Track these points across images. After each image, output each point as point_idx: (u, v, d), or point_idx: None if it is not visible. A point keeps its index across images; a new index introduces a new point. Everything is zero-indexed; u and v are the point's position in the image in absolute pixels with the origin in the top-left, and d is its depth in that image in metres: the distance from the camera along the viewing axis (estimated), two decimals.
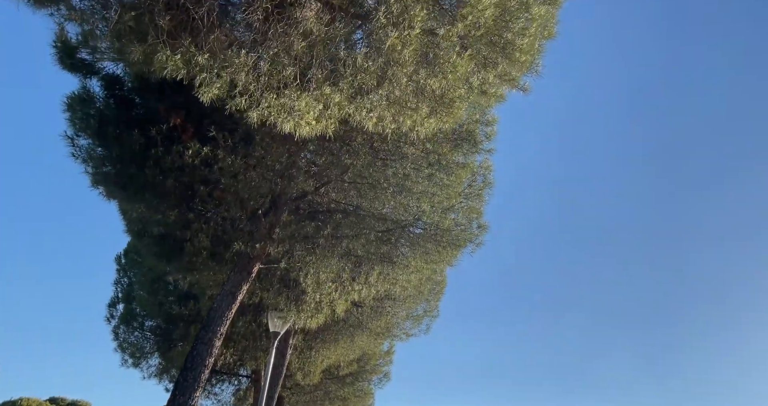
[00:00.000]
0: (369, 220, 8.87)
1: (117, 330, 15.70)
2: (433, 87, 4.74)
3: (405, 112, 5.09)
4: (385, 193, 8.32)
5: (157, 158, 7.15)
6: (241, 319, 13.88)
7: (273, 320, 10.62)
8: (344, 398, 21.63)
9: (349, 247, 9.02)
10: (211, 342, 7.98)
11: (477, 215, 9.63)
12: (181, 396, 7.37)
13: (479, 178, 9.65)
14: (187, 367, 7.71)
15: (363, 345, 15.12)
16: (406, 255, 9.21)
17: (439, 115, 5.23)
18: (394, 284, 9.50)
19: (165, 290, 14.90)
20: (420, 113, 5.24)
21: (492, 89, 5.68)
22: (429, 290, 13.30)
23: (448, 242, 9.17)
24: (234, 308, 8.48)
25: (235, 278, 8.56)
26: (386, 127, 5.26)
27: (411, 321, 14.46)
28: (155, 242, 9.15)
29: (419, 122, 5.38)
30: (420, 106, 4.94)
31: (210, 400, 20.26)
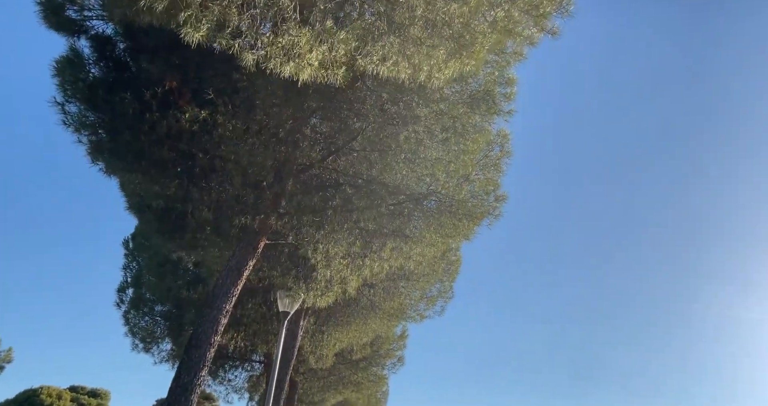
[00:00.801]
0: (380, 192, 8.35)
1: (127, 315, 15.51)
2: (453, 16, 4.16)
3: (421, 51, 4.52)
4: (397, 160, 7.78)
5: (152, 124, 6.69)
6: (250, 301, 13.55)
7: (282, 299, 10.22)
8: (358, 382, 21.36)
9: (360, 220, 8.53)
10: (217, 320, 7.59)
11: (494, 187, 9.05)
12: (186, 375, 7.01)
13: (496, 148, 9.06)
14: (191, 345, 7.34)
15: (376, 327, 14.72)
16: (420, 228, 8.69)
17: (460, 58, 4.65)
18: (408, 259, 9.00)
19: (173, 274, 14.63)
20: (438, 56, 4.67)
21: (518, 28, 5.06)
22: (443, 269, 12.80)
23: (464, 214, 8.62)
24: (240, 285, 8.06)
25: (240, 253, 8.13)
26: (401, 72, 4.70)
27: (425, 302, 14.01)
28: (157, 218, 8.75)
29: (437, 67, 4.81)
30: (437, 44, 4.37)
31: (223, 386, 20.16)
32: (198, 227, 8.60)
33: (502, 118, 7.43)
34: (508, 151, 9.11)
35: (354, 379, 20.72)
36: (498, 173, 9.12)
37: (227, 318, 7.85)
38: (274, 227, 8.43)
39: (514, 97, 7.51)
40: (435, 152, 7.63)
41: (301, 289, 9.83)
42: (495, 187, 9.00)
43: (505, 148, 9.10)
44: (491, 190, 8.88)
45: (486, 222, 8.84)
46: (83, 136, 6.95)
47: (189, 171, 7.38)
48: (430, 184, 8.41)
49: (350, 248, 8.84)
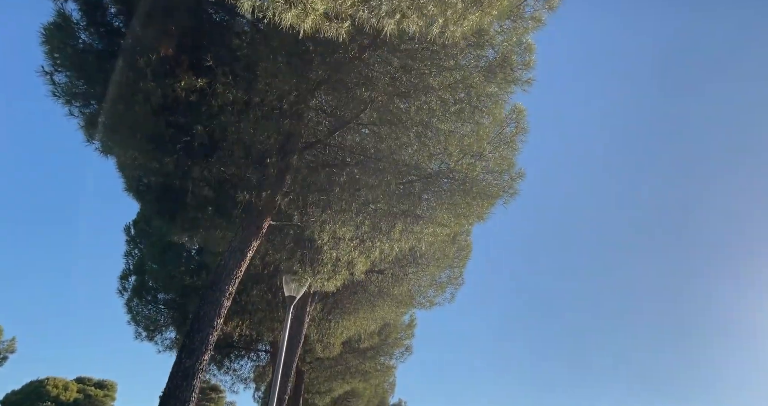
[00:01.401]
0: (390, 169, 7.90)
1: (130, 303, 15.22)
2: None
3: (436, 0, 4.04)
4: (408, 134, 7.33)
5: (146, 94, 6.25)
6: (255, 288, 13.21)
7: (288, 284, 9.84)
8: (365, 372, 21.10)
9: (369, 200, 8.10)
10: (219, 302, 7.21)
11: (509, 166, 8.58)
12: (187, 360, 6.65)
13: (511, 124, 8.58)
14: (193, 329, 6.97)
15: (384, 315, 14.36)
16: (432, 208, 8.25)
17: (481, 5, 4.17)
18: (419, 240, 8.57)
19: (176, 261, 14.30)
20: (455, 4, 4.19)
21: None
22: (454, 254, 12.38)
23: (478, 193, 8.17)
24: (243, 267, 7.67)
25: (243, 233, 7.73)
26: (412, 25, 4.23)
27: (435, 288, 13.60)
28: (156, 198, 8.35)
29: (453, 19, 4.33)
30: None
31: (229, 375, 19.93)
32: (199, 207, 8.20)
33: (520, 87, 6.93)
34: (524, 127, 8.63)
35: (361, 368, 20.44)
36: (513, 151, 8.65)
37: (230, 301, 7.47)
38: (279, 206, 8.02)
39: (533, 65, 7.01)
40: (448, 124, 7.16)
41: (307, 273, 9.44)
42: (510, 166, 8.54)
43: (521, 125, 8.61)
44: (506, 168, 8.41)
45: (501, 201, 8.39)
46: (74, 108, 6.53)
47: (187, 146, 6.96)
48: (442, 160, 7.96)
49: (358, 228, 8.42)
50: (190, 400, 6.39)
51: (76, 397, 37.09)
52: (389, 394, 37.94)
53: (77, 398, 37.03)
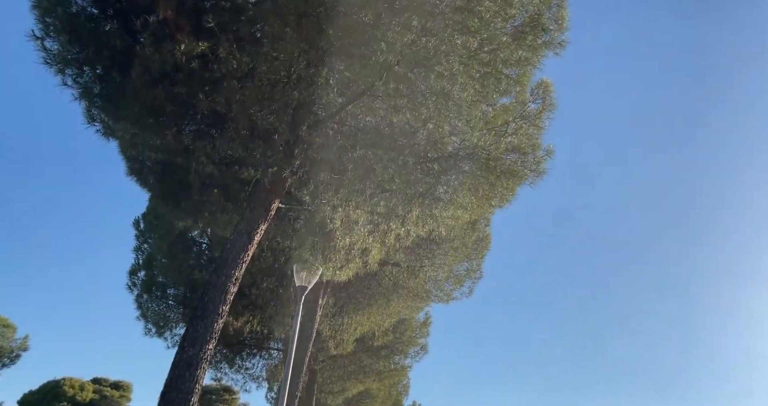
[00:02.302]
0: (407, 147, 7.33)
1: (139, 299, 14.87)
2: None
3: None
4: (427, 105, 6.73)
5: (144, 60, 5.77)
6: (264, 281, 12.73)
7: (299, 273, 9.31)
8: (379, 371, 20.49)
9: (384, 180, 7.52)
10: (225, 287, 6.70)
11: (535, 144, 7.94)
12: (191, 348, 6.13)
13: (538, 100, 7.93)
14: (197, 315, 6.46)
15: (400, 309, 13.76)
16: (453, 189, 7.64)
17: None
18: (438, 225, 7.95)
19: (185, 255, 13.91)
20: None
21: None
22: (473, 244, 11.73)
23: (503, 172, 7.54)
24: (250, 250, 7.15)
25: (251, 215, 7.21)
26: None
27: (452, 282, 12.96)
28: (159, 179, 7.90)
29: None
30: None
31: (240, 374, 19.46)
32: (203, 188, 7.72)
33: (552, 51, 6.30)
34: (551, 103, 7.96)
35: (375, 367, 19.84)
36: (538, 130, 8.00)
37: (237, 287, 6.95)
38: (288, 187, 7.50)
39: (566, 24, 6.37)
40: (471, 95, 6.55)
41: (318, 260, 8.88)
42: (535, 145, 7.89)
43: (548, 101, 7.96)
44: (533, 146, 7.77)
45: (528, 181, 7.74)
46: (68, 77, 6.08)
47: (189, 118, 6.47)
48: (464, 135, 7.35)
49: (373, 212, 7.85)
50: (193, 391, 5.87)
51: (93, 397, 37.08)
52: (403, 396, 37.24)
53: (93, 398, 37.03)
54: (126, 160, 8.35)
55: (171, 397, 5.75)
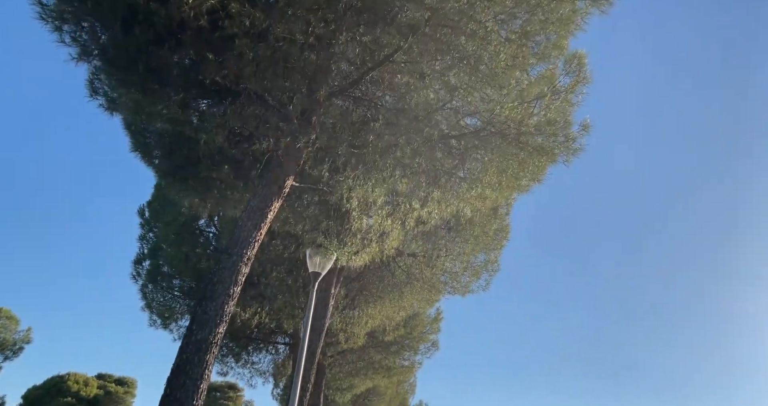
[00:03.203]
0: (432, 119, 6.79)
1: (144, 289, 14.43)
2: None
3: None
4: (456, 72, 6.19)
5: (148, 15, 5.27)
6: (274, 270, 12.23)
7: (312, 258, 8.80)
8: (389, 367, 19.97)
9: (405, 156, 6.99)
10: (236, 268, 6.20)
11: (567, 122, 7.37)
12: (200, 331, 5.64)
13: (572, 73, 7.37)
14: (206, 297, 5.96)
15: (414, 302, 13.23)
16: (480, 165, 7.09)
17: None
18: (463, 205, 7.41)
19: (192, 243, 13.43)
20: None
21: None
22: (494, 232, 11.18)
23: (535, 148, 6.98)
24: (263, 229, 6.64)
25: (263, 192, 6.71)
26: None
27: (469, 273, 12.41)
28: (164, 155, 7.42)
29: None
30: None
31: (247, 369, 19.04)
32: (212, 164, 7.22)
33: (598, 8, 5.74)
34: (585, 77, 7.40)
35: (385, 364, 19.31)
36: (569, 105, 7.44)
37: (249, 267, 6.45)
38: (303, 161, 6.98)
39: None
40: (502, 58, 5.99)
41: (333, 245, 8.38)
42: (568, 121, 7.31)
43: (582, 74, 7.39)
44: (565, 123, 7.20)
45: (562, 159, 7.18)
46: (65, 34, 5.58)
47: (196, 83, 5.96)
48: (495, 107, 6.80)
49: (393, 191, 7.32)
50: (202, 377, 5.37)
51: (97, 393, 36.83)
52: (410, 395, 36.73)
53: (97, 394, 36.78)
54: (130, 135, 7.87)
55: (179, 382, 5.26)
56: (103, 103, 7.57)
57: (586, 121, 6.95)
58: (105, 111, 7.64)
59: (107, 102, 7.52)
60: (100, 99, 7.54)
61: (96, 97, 7.50)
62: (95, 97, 7.50)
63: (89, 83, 7.40)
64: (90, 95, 7.49)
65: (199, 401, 5.30)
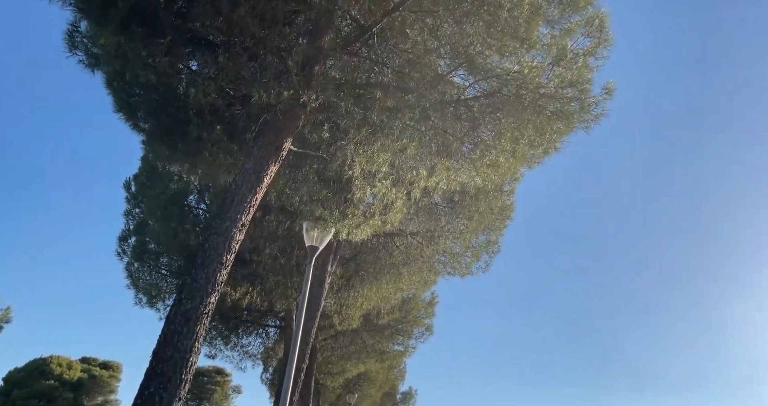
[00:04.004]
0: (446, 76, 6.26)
1: (130, 267, 13.80)
2: None
3: None
4: (474, 20, 5.65)
5: None
6: (267, 247, 11.69)
7: (309, 232, 8.27)
8: (382, 351, 19.70)
9: (415, 117, 6.46)
10: (229, 233, 5.65)
11: (587, 86, 6.88)
12: (189, 301, 5.11)
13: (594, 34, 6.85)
14: (197, 265, 5.43)
15: (412, 283, 12.82)
16: (493, 127, 6.59)
17: None
18: (475, 174, 6.91)
19: (180, 219, 12.82)
20: None
21: None
22: (498, 211, 10.73)
23: (554, 113, 6.49)
24: (259, 194, 6.09)
25: (259, 154, 6.15)
26: None
27: (470, 254, 11.98)
28: (150, 113, 6.80)
29: None
30: None
31: (236, 352, 18.59)
32: (204, 124, 6.62)
33: None
34: (607, 39, 6.89)
35: (378, 347, 19.01)
36: (588, 69, 6.94)
37: (243, 234, 5.90)
38: (303, 122, 6.42)
39: None
40: (527, 7, 5.46)
41: (333, 217, 7.85)
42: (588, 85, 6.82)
43: (604, 35, 6.88)
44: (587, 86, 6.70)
45: (582, 125, 6.70)
46: None
47: (185, 29, 5.34)
48: (511, 65, 6.28)
49: (400, 156, 6.80)
50: (191, 350, 4.87)
51: (80, 376, 36.13)
52: (399, 381, 36.71)
53: (81, 377, 36.08)
54: (113, 94, 7.21)
55: (165, 355, 4.74)
56: (83, 59, 6.93)
57: (609, 84, 6.46)
58: (86, 68, 7.01)
59: (88, 58, 6.88)
60: (80, 55, 6.91)
61: (76, 53, 6.86)
62: (75, 53, 6.86)
63: (68, 36, 6.76)
64: (69, 50, 6.84)
65: (188, 375, 4.80)
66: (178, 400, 4.65)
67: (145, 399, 4.56)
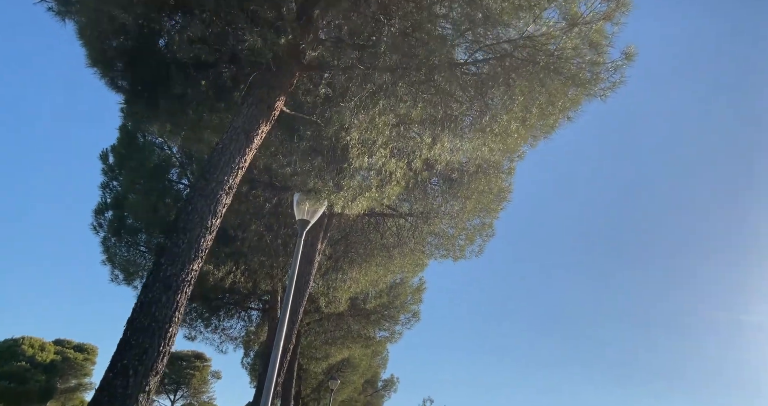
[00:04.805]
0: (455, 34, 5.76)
1: (107, 242, 13.07)
2: None
3: None
4: None
5: None
6: (253, 223, 11.12)
7: (300, 205, 7.75)
8: (368, 337, 19.36)
9: (421, 79, 5.97)
10: (215, 196, 5.12)
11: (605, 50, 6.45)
12: (170, 266, 4.58)
13: None
14: (178, 228, 4.89)
15: (403, 265, 12.40)
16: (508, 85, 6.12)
17: None
18: (481, 144, 6.45)
19: (161, 191, 12.13)
20: None
21: None
22: (497, 192, 10.33)
23: (570, 77, 6.06)
24: (248, 155, 5.55)
25: (249, 111, 5.60)
26: None
27: (464, 237, 11.61)
28: (127, 66, 6.15)
29: None
30: None
31: (217, 334, 18.03)
32: (186, 78, 6.01)
33: None
34: (625, 2, 6.46)
35: (364, 333, 18.65)
36: (602, 37, 6.51)
37: (230, 198, 5.37)
38: (297, 79, 5.87)
39: None
40: None
41: (326, 188, 7.34)
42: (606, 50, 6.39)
43: None
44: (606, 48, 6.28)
45: (599, 93, 6.29)
46: None
47: None
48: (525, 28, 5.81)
49: (403, 121, 6.31)
50: (171, 320, 4.35)
51: (53, 358, 35.13)
52: (382, 369, 36.59)
53: (54, 359, 35.09)
54: (86, 45, 6.50)
55: (141, 324, 4.23)
56: (52, 7, 6.25)
57: (630, 48, 6.04)
58: (55, 16, 6.32)
59: (58, 4, 6.19)
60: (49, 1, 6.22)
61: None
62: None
63: None
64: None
65: (167, 347, 4.29)
66: (155, 374, 4.15)
67: (118, 372, 4.05)
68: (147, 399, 4.10)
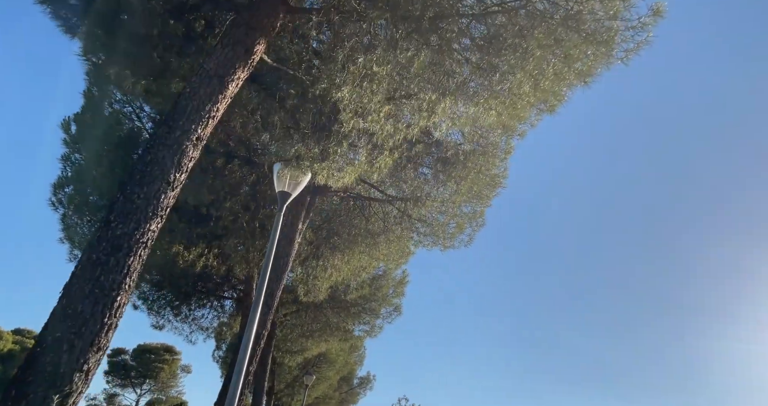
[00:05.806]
0: None
1: (66, 220, 11.99)
2: None
3: None
4: None
5: None
6: (229, 199, 10.23)
7: (280, 175, 6.95)
8: (346, 330, 18.60)
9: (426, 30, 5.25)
10: (180, 146, 4.30)
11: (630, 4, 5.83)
12: (121, 225, 3.76)
13: None
14: (133, 180, 4.06)
15: (388, 253, 11.68)
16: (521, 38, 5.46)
17: None
18: (493, 103, 5.75)
19: (128, 166, 11.11)
20: None
21: None
22: (492, 178, 9.71)
23: (588, 36, 5.44)
24: (221, 104, 4.75)
25: (224, 53, 4.79)
26: None
27: (454, 225, 10.97)
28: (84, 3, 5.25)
29: None
30: None
31: (187, 324, 17.02)
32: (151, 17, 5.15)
33: None
34: None
35: (343, 326, 17.88)
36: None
37: (198, 150, 4.56)
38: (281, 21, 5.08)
39: None
40: None
41: (311, 155, 6.57)
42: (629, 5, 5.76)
43: None
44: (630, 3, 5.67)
45: (620, 55, 5.68)
46: None
47: None
48: None
49: (403, 76, 5.58)
50: (120, 288, 3.54)
51: (11, 348, 33.24)
52: (358, 366, 35.89)
53: (12, 349, 33.20)
54: None
55: (81, 290, 3.40)
56: None
57: (658, 5, 5.44)
58: None
59: None
60: None
61: None
62: None
63: None
64: None
65: (113, 319, 3.48)
66: (97, 350, 3.34)
67: (48, 346, 3.23)
68: (85, 380, 3.29)
